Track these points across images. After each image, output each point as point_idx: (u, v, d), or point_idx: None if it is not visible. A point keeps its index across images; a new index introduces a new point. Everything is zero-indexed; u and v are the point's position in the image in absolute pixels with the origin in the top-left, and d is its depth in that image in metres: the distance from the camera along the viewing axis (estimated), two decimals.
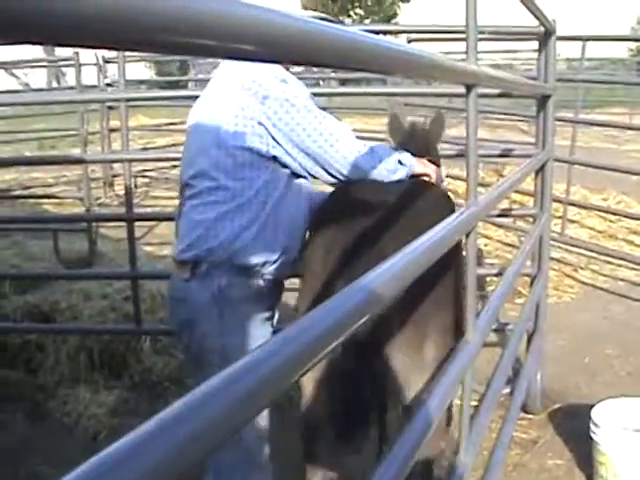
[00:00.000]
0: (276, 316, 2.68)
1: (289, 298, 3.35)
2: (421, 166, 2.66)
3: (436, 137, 2.98)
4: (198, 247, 2.43)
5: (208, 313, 2.41)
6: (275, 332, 2.61)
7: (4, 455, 3.73)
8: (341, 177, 2.50)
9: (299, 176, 2.55)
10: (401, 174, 2.55)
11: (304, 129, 2.41)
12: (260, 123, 2.39)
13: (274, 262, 2.50)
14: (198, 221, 2.44)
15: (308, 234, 2.61)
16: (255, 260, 2.44)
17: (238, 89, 2.42)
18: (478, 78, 1.82)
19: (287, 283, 2.77)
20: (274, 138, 2.41)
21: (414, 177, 2.64)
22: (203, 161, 2.46)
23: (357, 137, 2.56)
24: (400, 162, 2.54)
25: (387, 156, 2.51)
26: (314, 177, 2.56)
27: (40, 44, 0.58)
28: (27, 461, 3.68)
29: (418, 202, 2.42)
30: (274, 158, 2.45)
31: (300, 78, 2.80)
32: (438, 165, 2.84)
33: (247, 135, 2.40)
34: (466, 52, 1.87)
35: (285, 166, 2.49)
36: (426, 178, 2.69)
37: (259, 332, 2.50)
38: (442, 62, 1.55)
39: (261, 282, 2.52)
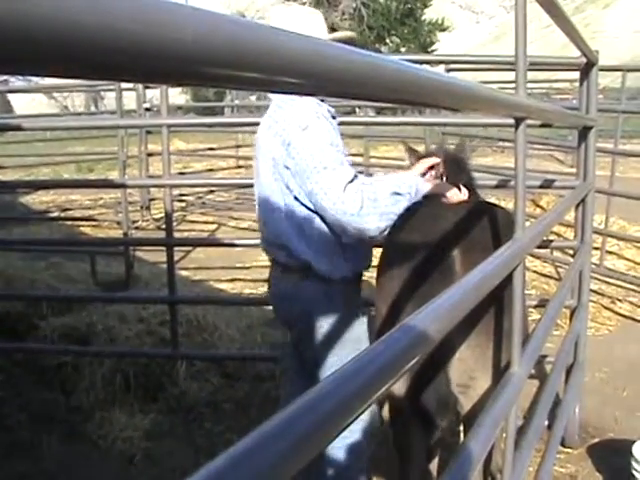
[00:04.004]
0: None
1: None
2: (427, 186, 2.72)
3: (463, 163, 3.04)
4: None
5: (322, 304, 2.73)
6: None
7: (39, 476, 3.74)
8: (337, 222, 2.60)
9: None
10: (402, 204, 2.60)
11: (307, 176, 2.57)
12: (286, 167, 2.63)
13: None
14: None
15: (383, 253, 2.74)
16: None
17: (274, 135, 2.68)
18: (529, 111, 1.82)
19: None
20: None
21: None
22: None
23: (393, 165, 2.60)
24: (398, 193, 2.59)
25: (382, 193, 2.56)
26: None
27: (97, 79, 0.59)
28: None
29: (490, 226, 2.46)
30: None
31: (336, 105, 2.92)
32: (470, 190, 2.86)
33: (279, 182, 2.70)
34: (515, 84, 1.87)
35: None
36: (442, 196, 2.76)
37: (360, 318, 2.85)
38: (493, 95, 1.54)
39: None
